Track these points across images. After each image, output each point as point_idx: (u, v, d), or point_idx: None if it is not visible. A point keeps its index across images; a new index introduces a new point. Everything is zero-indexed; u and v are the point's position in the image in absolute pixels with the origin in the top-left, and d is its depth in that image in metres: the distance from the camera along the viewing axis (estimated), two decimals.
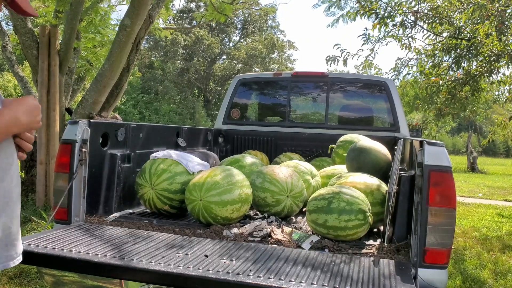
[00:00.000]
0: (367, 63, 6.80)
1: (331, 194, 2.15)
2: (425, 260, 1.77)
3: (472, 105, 7.55)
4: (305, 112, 4.88)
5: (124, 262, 1.63)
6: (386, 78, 4.33)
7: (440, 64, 6.69)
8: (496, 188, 12.50)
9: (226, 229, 2.21)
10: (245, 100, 4.64)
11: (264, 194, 2.49)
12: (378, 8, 6.07)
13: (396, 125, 3.94)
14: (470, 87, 6.34)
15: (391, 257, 1.90)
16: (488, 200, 10.04)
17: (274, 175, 2.53)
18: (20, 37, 4.99)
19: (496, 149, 43.03)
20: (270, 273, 1.58)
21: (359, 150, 2.89)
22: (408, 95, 8.04)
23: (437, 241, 1.78)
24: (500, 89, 7.65)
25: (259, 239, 2.10)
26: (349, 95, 4.40)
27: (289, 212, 2.54)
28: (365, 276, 1.61)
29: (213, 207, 2.26)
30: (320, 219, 2.11)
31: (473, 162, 20.08)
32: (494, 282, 4.24)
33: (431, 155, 1.82)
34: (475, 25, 5.91)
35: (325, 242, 2.06)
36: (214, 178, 2.32)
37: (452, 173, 1.82)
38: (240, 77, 4.47)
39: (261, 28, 34.54)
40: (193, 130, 3.65)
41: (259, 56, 32.22)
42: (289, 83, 4.35)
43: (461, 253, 5.19)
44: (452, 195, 1.79)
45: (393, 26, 6.33)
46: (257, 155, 3.85)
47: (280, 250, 1.88)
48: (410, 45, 6.66)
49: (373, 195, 2.31)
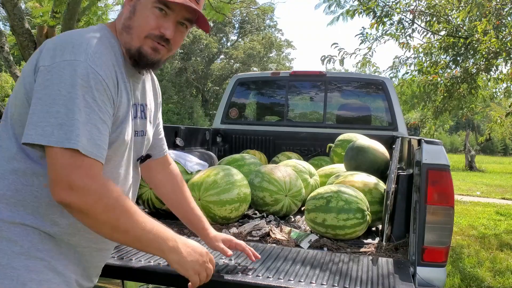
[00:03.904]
0: (365, 61, 6.81)
1: (329, 193, 2.15)
2: (424, 258, 1.78)
3: (470, 103, 7.56)
4: (303, 111, 4.89)
5: (123, 262, 1.63)
6: (384, 77, 4.33)
7: (437, 62, 6.71)
8: (494, 186, 12.53)
9: (224, 229, 2.21)
10: (243, 99, 4.64)
11: (263, 194, 2.49)
12: (376, 7, 6.08)
13: (394, 124, 3.95)
14: (468, 85, 6.35)
15: (389, 255, 1.90)
16: (486, 198, 10.07)
17: (273, 174, 2.53)
18: (18, 37, 4.97)
19: (494, 148, 43.14)
20: (269, 272, 1.58)
21: (357, 149, 2.90)
22: (405, 94, 8.05)
23: (436, 239, 1.78)
24: (497, 87, 7.67)
25: (257, 238, 2.10)
26: (347, 94, 4.40)
27: (288, 211, 2.54)
28: (363, 275, 1.61)
29: (211, 206, 2.26)
30: (319, 218, 2.11)
31: (471, 161, 20.13)
32: (492, 280, 4.25)
33: (429, 153, 1.83)
34: (472, 22, 5.92)
35: (324, 241, 2.06)
36: (213, 177, 2.32)
37: (450, 171, 1.82)
38: (238, 77, 4.47)
39: (259, 27, 34.52)
40: (191, 130, 3.65)
41: (257, 56, 32.22)
42: (287, 83, 4.36)
43: (460, 251, 5.21)
44: (450, 193, 1.80)
45: (390, 25, 6.34)
46: (256, 154, 3.85)
47: (279, 249, 1.88)
48: (408, 44, 6.67)
49: (371, 194, 2.31)
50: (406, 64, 7.14)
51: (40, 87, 1.07)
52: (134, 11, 1.23)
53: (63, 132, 1.03)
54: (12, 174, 1.15)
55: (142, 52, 1.24)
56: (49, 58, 1.10)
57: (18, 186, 1.15)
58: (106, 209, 1.07)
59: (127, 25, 1.24)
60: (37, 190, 1.15)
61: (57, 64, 1.08)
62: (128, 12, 1.25)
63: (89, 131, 1.06)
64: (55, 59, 1.09)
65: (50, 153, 1.05)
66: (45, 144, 1.04)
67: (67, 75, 1.06)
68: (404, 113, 5.72)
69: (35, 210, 1.16)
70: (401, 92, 7.64)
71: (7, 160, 1.16)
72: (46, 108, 1.04)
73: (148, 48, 1.24)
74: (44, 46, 1.16)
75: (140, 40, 1.23)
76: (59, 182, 1.04)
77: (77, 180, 1.03)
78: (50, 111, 1.04)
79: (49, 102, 1.04)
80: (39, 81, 1.08)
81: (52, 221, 1.17)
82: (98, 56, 1.13)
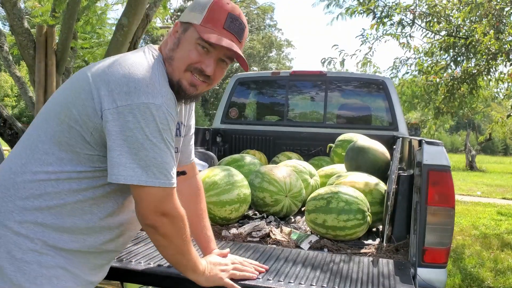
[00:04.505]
0: (365, 61, 6.81)
1: (330, 194, 2.14)
2: (424, 259, 1.77)
3: (471, 103, 7.56)
4: (304, 111, 4.87)
5: (123, 264, 1.63)
6: (384, 76, 4.32)
7: (438, 62, 6.70)
8: (495, 186, 12.52)
9: (224, 230, 2.21)
10: (243, 99, 4.63)
11: (263, 194, 2.48)
12: (375, 7, 6.07)
13: (394, 123, 3.93)
14: (468, 85, 6.34)
15: (390, 256, 1.89)
16: (487, 198, 10.06)
17: (273, 174, 2.52)
18: (17, 37, 4.96)
19: (495, 147, 43.11)
20: (269, 274, 1.57)
21: (357, 149, 2.89)
22: (405, 94, 8.04)
23: (436, 240, 1.77)
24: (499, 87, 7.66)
25: (258, 239, 2.09)
26: (348, 94, 4.39)
27: (288, 212, 2.54)
28: (364, 276, 1.61)
29: (211, 207, 2.25)
30: (319, 219, 2.10)
31: (472, 161, 20.11)
32: (493, 280, 4.24)
33: (430, 154, 1.82)
34: (472, 23, 5.91)
35: (324, 242, 2.05)
36: (213, 178, 2.31)
37: (451, 172, 1.81)
38: (238, 76, 4.46)
39: (259, 27, 34.50)
40: None
41: (257, 55, 32.20)
42: (287, 82, 4.34)
43: (460, 251, 5.20)
44: (451, 194, 1.79)
45: (391, 25, 6.33)
46: (256, 154, 3.84)
47: (279, 250, 1.87)
48: (408, 44, 6.66)
49: (372, 194, 2.30)
50: (407, 64, 7.14)
51: (122, 128, 1.15)
52: (178, 43, 1.30)
53: (152, 173, 1.18)
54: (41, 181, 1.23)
55: (181, 86, 1.30)
56: (124, 96, 1.15)
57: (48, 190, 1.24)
58: (180, 234, 1.29)
59: (169, 56, 1.30)
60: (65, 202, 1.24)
61: (137, 106, 1.15)
62: (172, 43, 1.31)
63: (170, 166, 1.22)
64: (132, 99, 1.15)
65: (140, 190, 1.19)
66: (136, 184, 1.18)
67: (150, 119, 1.16)
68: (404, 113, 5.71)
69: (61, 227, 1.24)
70: (402, 92, 7.63)
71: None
72: (135, 151, 1.16)
73: (187, 83, 1.30)
74: (104, 77, 1.19)
75: (180, 73, 1.29)
76: (153, 212, 1.22)
77: (168, 209, 1.24)
78: (138, 154, 1.16)
79: (137, 146, 1.16)
80: (119, 121, 1.15)
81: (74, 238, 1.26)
82: (170, 97, 1.22)
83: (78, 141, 1.20)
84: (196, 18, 1.28)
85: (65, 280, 1.22)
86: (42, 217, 1.21)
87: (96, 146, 1.21)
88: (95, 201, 1.25)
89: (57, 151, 1.21)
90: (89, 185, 1.24)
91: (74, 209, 1.23)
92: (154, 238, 1.28)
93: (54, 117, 1.23)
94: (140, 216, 1.24)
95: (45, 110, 1.29)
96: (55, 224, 1.22)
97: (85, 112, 1.19)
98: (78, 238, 1.25)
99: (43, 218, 1.21)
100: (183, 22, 1.31)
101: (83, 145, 1.21)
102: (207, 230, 1.64)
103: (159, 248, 1.32)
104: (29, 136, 1.28)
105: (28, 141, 1.27)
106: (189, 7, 1.33)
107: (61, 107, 1.23)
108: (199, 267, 1.38)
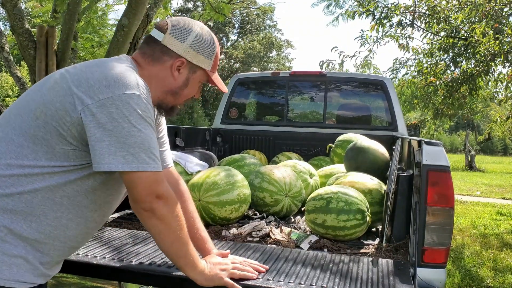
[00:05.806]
0: (366, 63, 6.82)
1: (329, 194, 2.15)
2: (424, 259, 1.78)
3: (470, 103, 7.56)
4: (303, 111, 4.88)
5: (123, 264, 1.63)
6: (384, 77, 4.33)
7: (437, 64, 6.71)
8: (494, 186, 12.53)
9: (224, 230, 2.21)
10: (243, 99, 4.64)
11: (263, 194, 2.49)
12: (375, 9, 6.08)
13: (394, 124, 3.94)
14: (468, 86, 6.35)
15: (389, 256, 1.90)
16: (486, 198, 10.07)
17: (273, 175, 2.53)
18: (18, 37, 4.97)
19: (494, 147, 43.14)
20: (269, 273, 1.58)
21: (357, 149, 2.90)
22: (405, 94, 8.05)
23: (436, 240, 1.78)
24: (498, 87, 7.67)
25: (258, 239, 2.10)
26: (347, 94, 4.40)
27: (288, 212, 2.54)
28: (363, 276, 1.61)
29: (211, 207, 2.26)
30: (319, 219, 2.11)
31: (471, 161, 20.13)
32: (492, 280, 4.25)
33: (430, 154, 1.83)
34: (472, 24, 5.92)
35: (324, 242, 2.06)
36: (213, 178, 2.32)
37: (450, 172, 1.82)
38: (238, 77, 4.47)
39: (259, 27, 34.50)
40: (191, 130, 3.65)
41: (257, 56, 32.20)
42: (287, 83, 4.35)
43: (460, 251, 5.21)
44: (450, 194, 1.80)
45: (390, 26, 6.34)
46: (256, 154, 3.85)
47: (279, 250, 1.88)
48: (408, 45, 6.67)
49: (371, 194, 2.31)
50: (406, 65, 7.15)
51: (107, 120, 1.20)
52: (187, 83, 1.46)
53: (143, 159, 1.24)
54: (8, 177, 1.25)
55: (174, 109, 1.50)
56: (105, 89, 1.21)
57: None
58: (176, 217, 1.33)
59: (175, 92, 1.45)
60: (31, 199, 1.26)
61: (118, 97, 1.21)
62: (180, 81, 1.44)
63: (157, 150, 1.29)
64: (113, 91, 1.21)
65: (133, 175, 1.24)
66: (129, 170, 1.23)
67: (132, 108, 1.22)
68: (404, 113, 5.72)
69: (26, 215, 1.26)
70: (401, 93, 7.64)
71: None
72: (123, 140, 1.21)
73: (181, 106, 1.52)
74: (82, 75, 1.25)
75: (180, 103, 1.50)
76: (148, 195, 1.26)
77: (162, 191, 1.28)
78: (127, 142, 1.21)
79: (124, 134, 1.21)
80: (103, 114, 1.20)
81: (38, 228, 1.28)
82: (147, 94, 1.30)
83: (53, 136, 1.23)
84: (205, 64, 1.45)
85: (24, 269, 1.25)
86: (12, 204, 1.23)
87: (72, 141, 1.24)
88: (66, 193, 1.28)
89: (31, 144, 1.24)
90: (62, 178, 1.27)
91: (45, 199, 1.26)
92: (151, 223, 1.30)
93: (29, 112, 1.26)
94: (135, 202, 1.28)
95: (15, 107, 1.31)
96: (25, 211, 1.24)
97: (63, 107, 1.22)
98: (45, 229, 1.27)
99: (14, 205, 1.23)
100: (191, 63, 1.43)
101: (59, 140, 1.24)
102: (201, 231, 1.63)
103: (157, 236, 1.33)
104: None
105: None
106: (194, 45, 1.42)
107: (36, 103, 1.26)
108: (198, 265, 1.40)
